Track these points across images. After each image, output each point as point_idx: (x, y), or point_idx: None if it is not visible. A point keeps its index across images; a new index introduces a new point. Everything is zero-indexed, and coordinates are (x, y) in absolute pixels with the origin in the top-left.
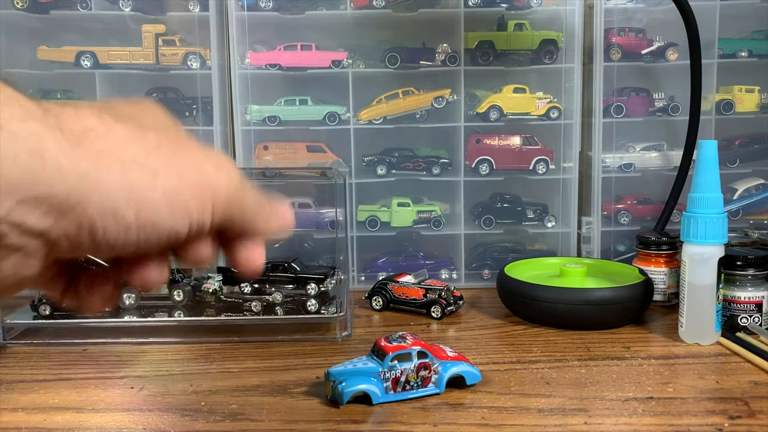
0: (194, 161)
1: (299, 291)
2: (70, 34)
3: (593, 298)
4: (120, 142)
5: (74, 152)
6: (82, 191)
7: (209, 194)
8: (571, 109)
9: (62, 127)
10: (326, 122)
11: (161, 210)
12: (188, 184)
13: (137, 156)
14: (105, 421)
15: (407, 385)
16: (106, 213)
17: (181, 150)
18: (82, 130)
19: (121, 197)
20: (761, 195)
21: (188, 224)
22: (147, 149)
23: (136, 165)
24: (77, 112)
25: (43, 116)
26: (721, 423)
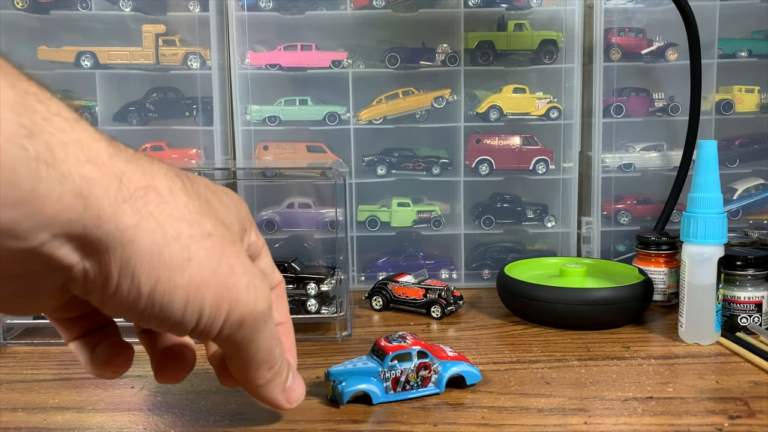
0: (233, 267)
1: (299, 291)
2: (70, 34)
3: (593, 298)
4: (174, 214)
5: (121, 205)
6: (114, 241)
7: (227, 303)
8: (571, 109)
9: (123, 178)
10: (326, 122)
11: (177, 297)
12: (215, 285)
13: (183, 235)
14: (105, 421)
15: (407, 385)
16: (125, 274)
17: (228, 250)
18: (143, 187)
19: (145, 265)
20: (761, 195)
21: (195, 322)
22: (195, 233)
23: (176, 243)
24: (151, 167)
25: (107, 161)
26: (721, 423)
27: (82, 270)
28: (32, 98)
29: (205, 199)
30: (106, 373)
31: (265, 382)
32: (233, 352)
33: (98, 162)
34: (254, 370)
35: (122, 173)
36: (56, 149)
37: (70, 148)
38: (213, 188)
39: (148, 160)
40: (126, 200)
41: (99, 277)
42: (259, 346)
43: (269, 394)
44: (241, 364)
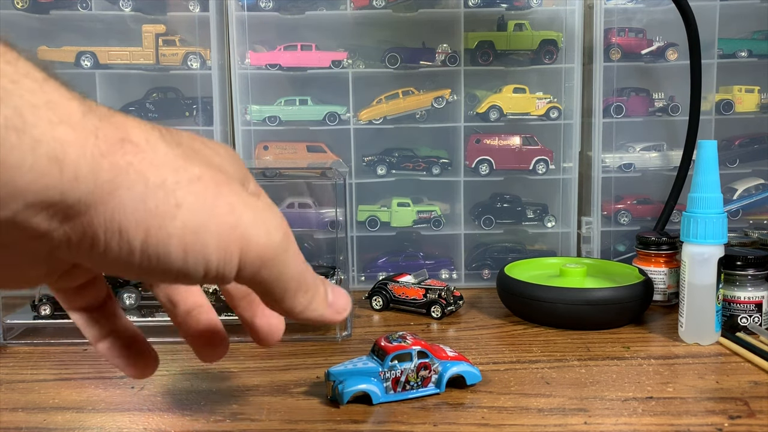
0: (232, 205)
1: None
2: (70, 34)
3: (593, 298)
4: (155, 162)
5: (99, 161)
6: (93, 200)
7: (237, 244)
8: (571, 109)
9: (99, 133)
10: (326, 122)
11: (173, 246)
12: (215, 227)
13: (167, 181)
14: (105, 421)
15: (407, 385)
16: (112, 230)
17: (223, 190)
18: (119, 139)
19: (131, 218)
20: (761, 195)
21: (202, 270)
22: (182, 178)
23: (161, 190)
24: (125, 120)
25: (81, 120)
26: (721, 423)
27: (64, 235)
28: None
29: (188, 146)
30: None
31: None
32: (263, 289)
33: (72, 122)
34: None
35: (96, 129)
36: (26, 113)
37: (41, 111)
38: (198, 138)
39: (122, 115)
40: (103, 155)
41: (84, 238)
42: (289, 276)
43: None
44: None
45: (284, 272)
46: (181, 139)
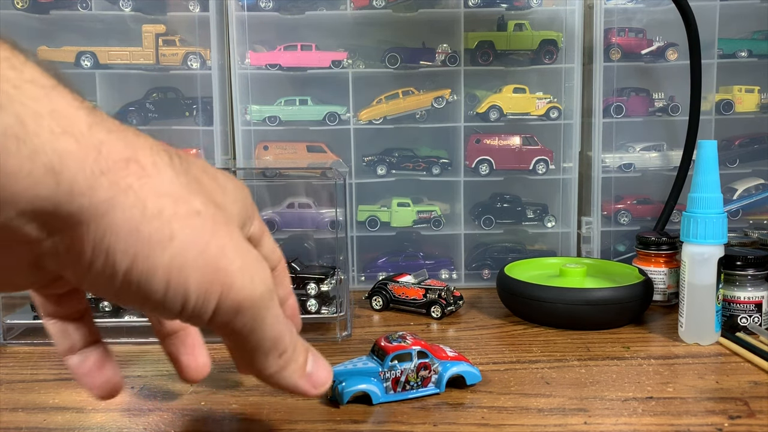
0: (224, 249)
1: (299, 291)
2: (70, 34)
3: (593, 298)
4: (157, 189)
5: (98, 178)
6: (86, 216)
7: (218, 286)
8: (571, 109)
9: (102, 149)
10: (326, 122)
11: (157, 278)
12: (201, 267)
13: (165, 212)
14: (105, 421)
15: (407, 385)
16: (99, 249)
17: (220, 231)
18: (124, 159)
19: (121, 242)
20: (761, 195)
21: (180, 305)
22: (181, 210)
23: (157, 219)
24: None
25: (86, 132)
26: (721, 423)
27: (52, 245)
28: (3, 65)
29: (195, 178)
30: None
31: (277, 370)
32: (235, 340)
33: (75, 133)
34: (262, 359)
35: (101, 143)
36: (28, 121)
37: (44, 120)
38: (209, 169)
39: (133, 133)
40: (103, 173)
41: (70, 252)
42: (264, 334)
43: (286, 381)
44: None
45: (259, 328)
46: (190, 168)
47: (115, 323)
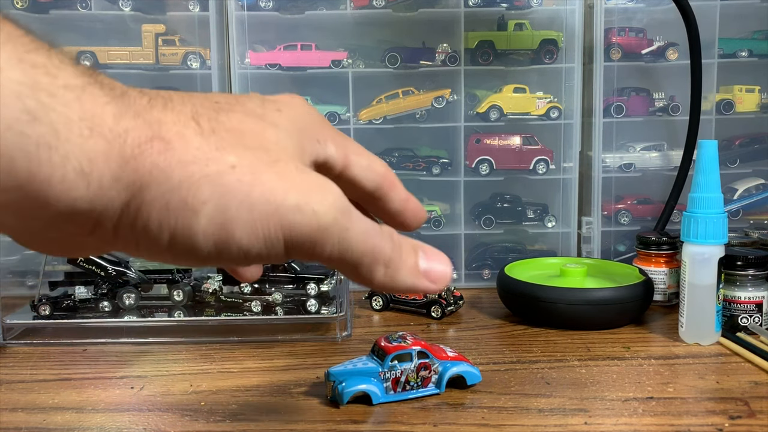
0: (271, 191)
1: (299, 291)
2: (70, 33)
3: (593, 298)
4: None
5: (123, 167)
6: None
7: (278, 229)
8: (571, 109)
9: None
10: None
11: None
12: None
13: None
14: (105, 421)
15: (407, 386)
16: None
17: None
18: (148, 138)
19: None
20: (761, 195)
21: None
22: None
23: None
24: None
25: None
26: (721, 423)
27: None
28: (39, 72)
29: (233, 131)
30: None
31: (389, 279)
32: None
33: (104, 131)
34: (366, 273)
35: (127, 131)
36: (60, 128)
37: (75, 125)
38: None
39: (161, 108)
40: (127, 160)
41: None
42: (357, 253)
43: (401, 285)
44: (349, 273)
45: (349, 249)
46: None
47: (115, 323)
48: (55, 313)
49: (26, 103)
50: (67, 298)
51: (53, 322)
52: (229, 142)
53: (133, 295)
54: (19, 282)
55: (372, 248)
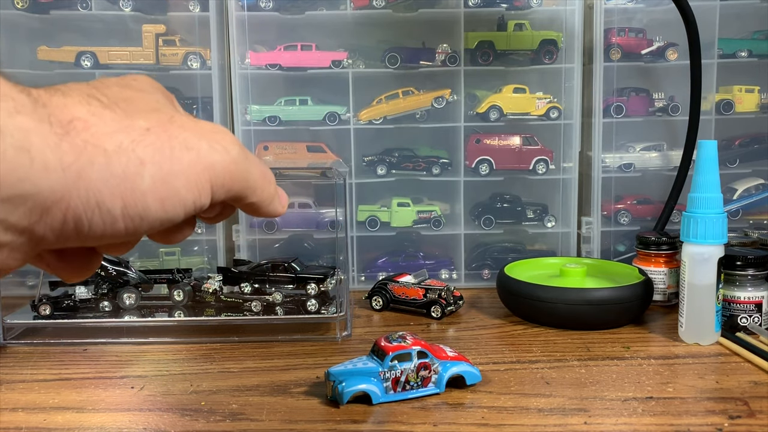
0: (186, 141)
1: (299, 291)
2: (70, 34)
3: (593, 298)
4: (106, 130)
5: (60, 146)
6: (65, 186)
7: (206, 175)
8: (571, 109)
9: (50, 119)
10: (326, 122)
11: (150, 201)
12: (180, 170)
13: (123, 144)
14: (105, 421)
15: (407, 385)
16: (91, 207)
17: (172, 130)
18: (68, 120)
19: (105, 190)
20: (761, 195)
21: (182, 211)
22: (134, 136)
23: (121, 154)
24: (65, 100)
25: (32, 108)
26: (721, 423)
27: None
28: None
29: (124, 99)
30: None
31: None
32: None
33: (27, 111)
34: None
35: (48, 115)
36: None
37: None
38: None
39: (61, 94)
40: (61, 139)
41: (67, 223)
42: (255, 177)
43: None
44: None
45: (250, 177)
46: (116, 95)
47: (115, 323)
48: (56, 313)
49: None
50: (67, 298)
51: (53, 322)
52: (129, 110)
53: (133, 295)
54: (19, 282)
55: (262, 171)
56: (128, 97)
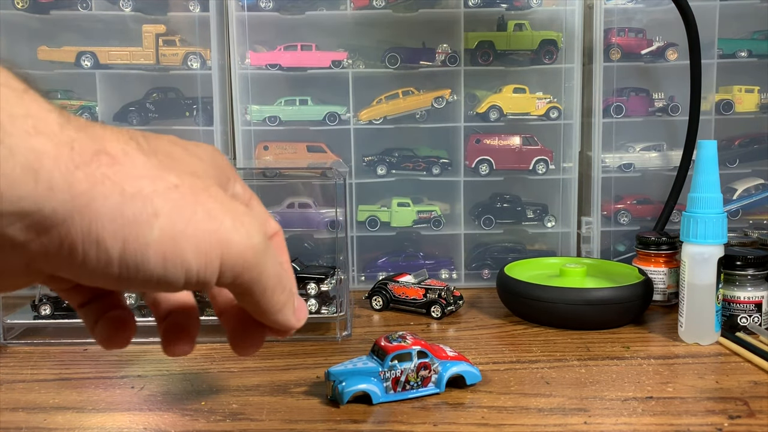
0: (211, 211)
1: (299, 291)
2: (70, 34)
3: (593, 298)
4: (132, 173)
5: (74, 173)
6: (69, 211)
7: (218, 250)
8: (570, 109)
9: (74, 145)
10: (326, 122)
11: (151, 253)
12: (193, 234)
13: (144, 191)
14: (105, 421)
15: (407, 385)
16: (90, 240)
17: (201, 197)
18: (94, 151)
19: (109, 227)
20: (761, 195)
21: (183, 277)
22: (158, 187)
23: (138, 199)
24: (103, 132)
25: (57, 131)
26: (721, 423)
27: (41, 246)
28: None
29: (167, 154)
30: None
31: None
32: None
33: (48, 132)
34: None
35: (72, 141)
36: (4, 122)
37: (19, 120)
38: (179, 142)
39: (100, 127)
40: (78, 167)
41: (62, 249)
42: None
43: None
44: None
45: (265, 270)
46: (159, 147)
47: None
48: (56, 313)
49: None
50: None
51: (53, 322)
52: (166, 164)
53: (133, 295)
54: None
55: (278, 273)
56: (172, 153)
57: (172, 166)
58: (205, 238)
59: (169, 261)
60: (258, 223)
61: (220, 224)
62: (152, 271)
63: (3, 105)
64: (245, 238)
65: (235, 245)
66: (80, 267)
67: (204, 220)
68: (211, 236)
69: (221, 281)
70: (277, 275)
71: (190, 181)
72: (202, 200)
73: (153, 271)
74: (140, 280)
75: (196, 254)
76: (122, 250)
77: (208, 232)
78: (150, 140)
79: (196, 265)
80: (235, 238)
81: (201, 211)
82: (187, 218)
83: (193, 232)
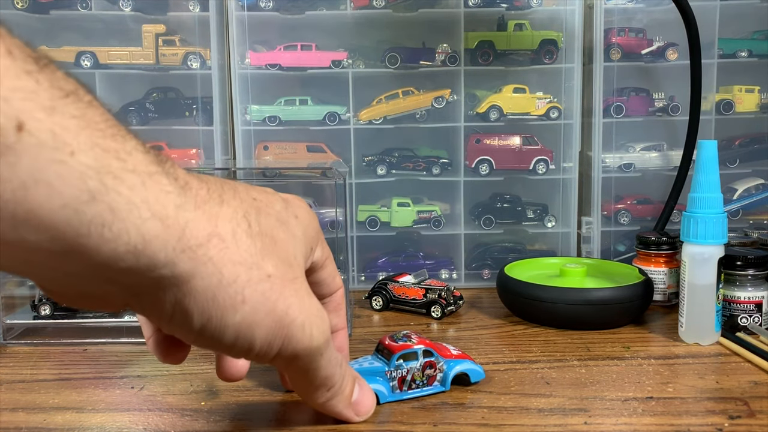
0: (290, 308)
1: None
2: (70, 34)
3: (593, 298)
4: (235, 258)
5: (180, 255)
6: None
7: (281, 338)
8: (571, 109)
9: (187, 230)
10: (326, 122)
11: (227, 334)
12: (268, 324)
13: (240, 279)
14: (105, 421)
15: (413, 384)
16: (179, 309)
17: (286, 291)
18: (207, 234)
19: (199, 304)
20: (761, 195)
21: (246, 351)
22: (254, 276)
23: (231, 287)
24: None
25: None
26: (721, 423)
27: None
28: (110, 156)
29: (270, 237)
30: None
31: (325, 401)
32: (292, 375)
33: (162, 216)
34: (313, 391)
35: (186, 223)
36: (119, 209)
37: (135, 207)
38: (283, 217)
39: (218, 201)
40: (184, 251)
41: (154, 307)
42: (317, 374)
43: (333, 410)
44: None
45: (314, 369)
46: (267, 228)
47: (115, 323)
48: (56, 313)
49: (88, 184)
50: None
51: (53, 322)
52: (268, 249)
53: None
54: (19, 282)
55: (328, 374)
56: (276, 237)
57: (273, 251)
58: (275, 330)
59: (240, 340)
60: (324, 327)
61: (292, 321)
62: (223, 344)
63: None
64: (307, 337)
65: (295, 340)
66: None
67: (280, 314)
68: (281, 328)
69: (275, 361)
70: (326, 375)
71: (282, 272)
72: (286, 294)
73: (224, 344)
74: (210, 345)
75: (263, 339)
76: (204, 325)
77: (279, 325)
78: (261, 218)
79: (259, 346)
80: (298, 335)
81: (281, 305)
82: (267, 309)
83: (268, 322)
